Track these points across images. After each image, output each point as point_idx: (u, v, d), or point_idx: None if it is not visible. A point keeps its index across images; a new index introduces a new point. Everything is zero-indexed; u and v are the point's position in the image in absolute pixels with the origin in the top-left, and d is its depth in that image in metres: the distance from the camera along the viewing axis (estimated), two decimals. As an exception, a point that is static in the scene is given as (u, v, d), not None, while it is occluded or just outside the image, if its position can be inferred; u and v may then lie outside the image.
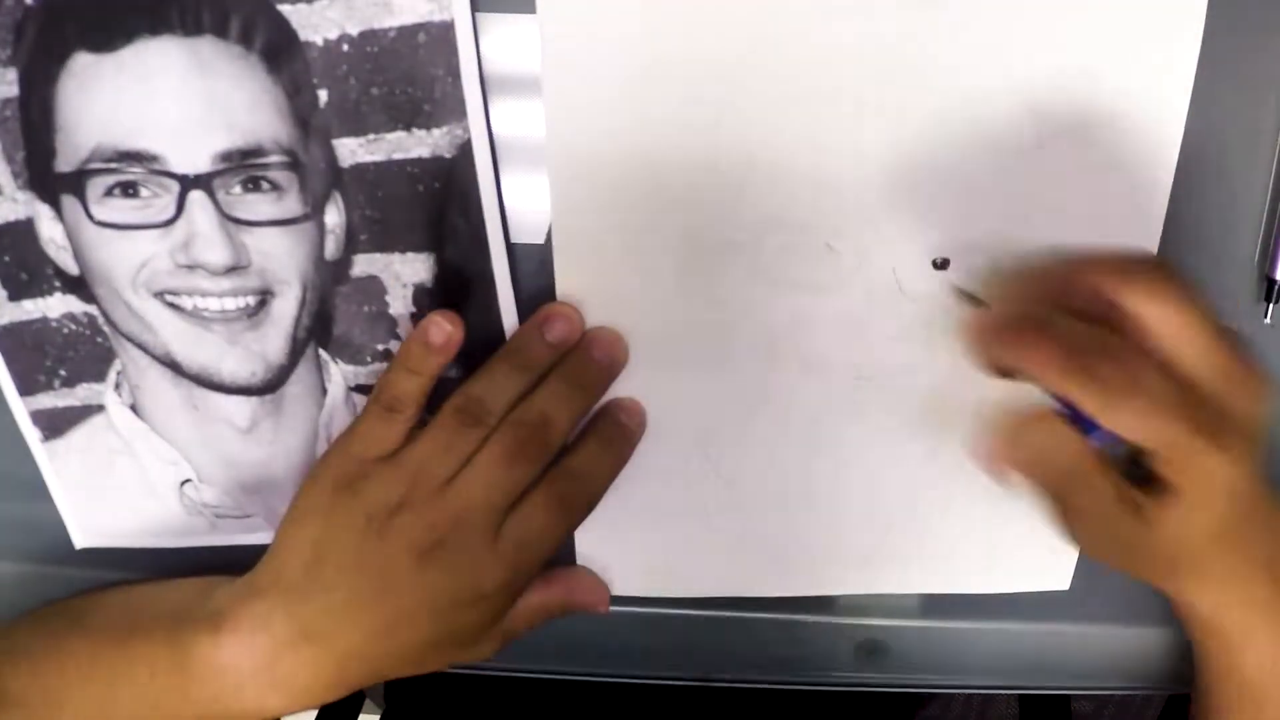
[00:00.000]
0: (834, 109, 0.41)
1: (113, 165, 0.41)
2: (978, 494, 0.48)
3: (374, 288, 0.44)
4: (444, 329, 0.42)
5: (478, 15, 0.39)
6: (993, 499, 0.48)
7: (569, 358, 0.43)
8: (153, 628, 0.44)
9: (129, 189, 0.41)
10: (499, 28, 0.39)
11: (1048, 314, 0.37)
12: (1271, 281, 0.44)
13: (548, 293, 0.44)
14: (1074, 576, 0.51)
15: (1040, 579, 0.51)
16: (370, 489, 0.42)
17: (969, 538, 0.50)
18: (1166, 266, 0.37)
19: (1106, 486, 0.38)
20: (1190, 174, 0.42)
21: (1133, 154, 0.41)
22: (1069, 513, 0.40)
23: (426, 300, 0.44)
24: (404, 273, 0.43)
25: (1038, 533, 0.49)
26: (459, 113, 0.40)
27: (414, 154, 0.41)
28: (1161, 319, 0.36)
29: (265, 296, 0.43)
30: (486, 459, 0.42)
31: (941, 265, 0.43)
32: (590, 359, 0.44)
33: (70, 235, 0.42)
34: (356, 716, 0.81)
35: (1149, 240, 0.43)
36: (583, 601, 0.49)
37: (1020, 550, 0.50)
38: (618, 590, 0.51)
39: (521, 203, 0.42)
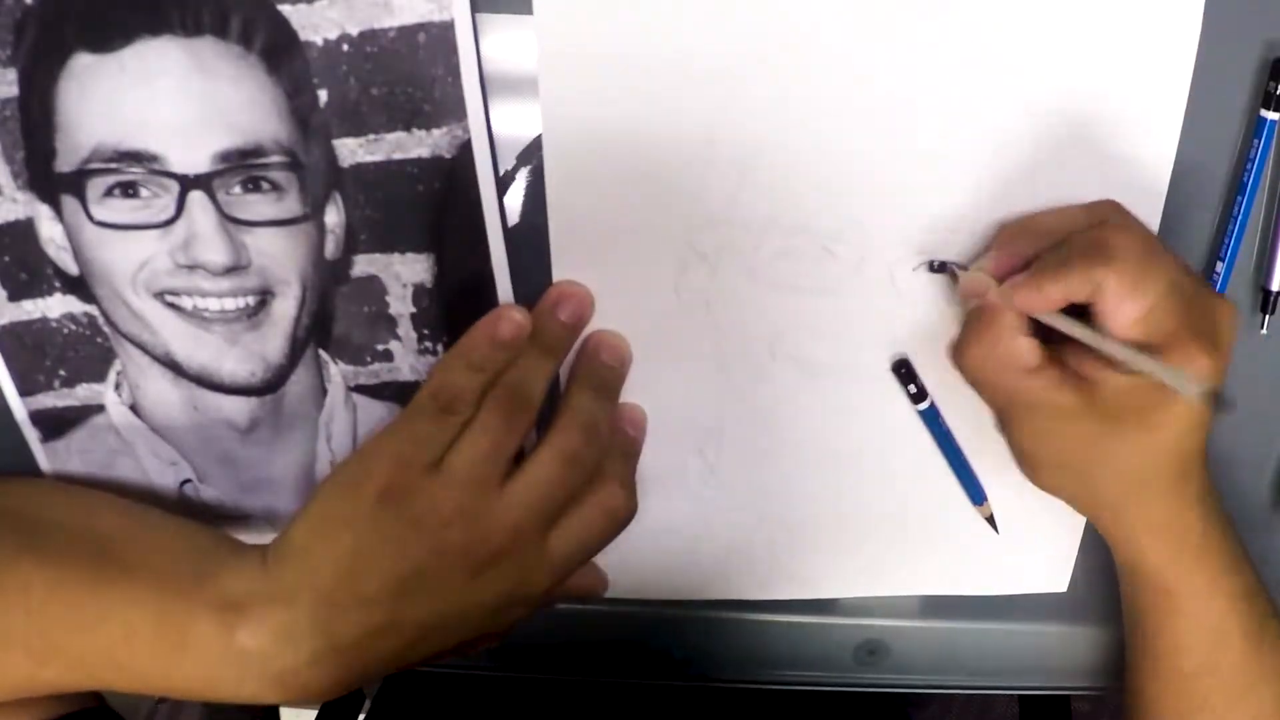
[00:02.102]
0: (832, 112, 0.41)
1: (113, 165, 0.41)
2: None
3: (374, 288, 0.44)
4: (515, 322, 0.41)
5: (477, 15, 0.39)
6: (991, 500, 0.48)
7: (590, 364, 0.44)
8: (133, 582, 0.39)
9: (129, 189, 0.41)
10: (498, 28, 0.39)
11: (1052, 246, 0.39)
12: (1268, 293, 0.44)
13: (547, 292, 0.44)
14: (1073, 578, 0.51)
15: (1039, 581, 0.51)
16: (420, 504, 0.39)
17: (968, 540, 0.50)
18: (1122, 207, 0.40)
19: (1119, 379, 0.39)
20: (1186, 184, 0.42)
21: (1129, 164, 0.42)
22: (1062, 418, 0.40)
23: (426, 300, 0.44)
24: (404, 273, 0.43)
25: (1037, 535, 0.49)
26: (459, 113, 0.40)
27: (414, 154, 0.41)
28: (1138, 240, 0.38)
29: (265, 297, 0.43)
30: (543, 468, 0.40)
31: (938, 269, 0.43)
32: (607, 365, 0.44)
33: (70, 235, 0.42)
34: (356, 716, 0.81)
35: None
36: (582, 589, 0.48)
37: (1019, 552, 0.50)
38: (617, 593, 0.51)
39: (521, 203, 0.42)
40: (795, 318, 0.45)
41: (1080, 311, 0.38)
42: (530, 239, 0.43)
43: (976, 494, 0.48)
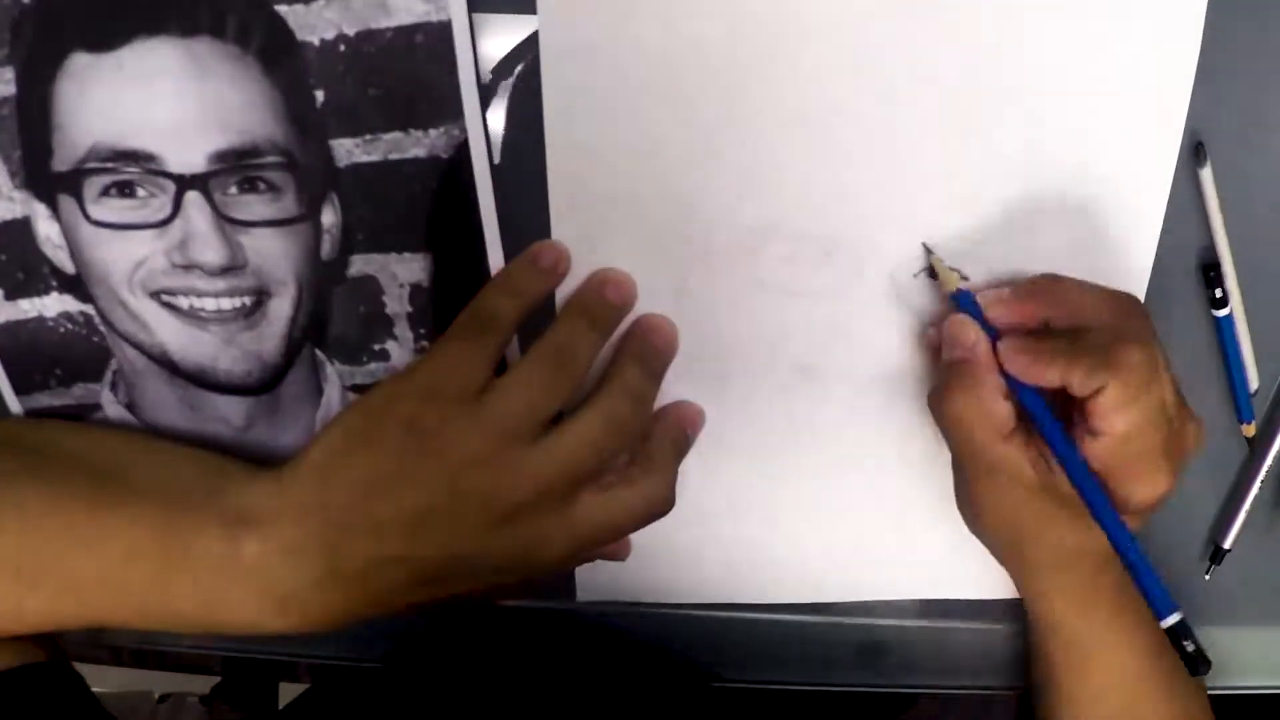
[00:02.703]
0: (834, 117, 0.41)
1: (109, 165, 0.41)
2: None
3: (370, 288, 0.44)
4: (556, 250, 0.42)
5: (475, 15, 0.39)
6: None
7: (639, 343, 0.43)
8: (135, 500, 0.38)
9: (125, 189, 0.41)
10: (496, 28, 0.39)
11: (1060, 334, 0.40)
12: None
13: (544, 293, 0.44)
14: None
15: None
16: (446, 439, 0.37)
17: (965, 544, 0.50)
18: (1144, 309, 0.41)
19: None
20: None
21: (1129, 176, 0.42)
22: (1016, 481, 0.41)
23: (423, 300, 0.44)
24: (400, 272, 0.43)
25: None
26: (455, 113, 0.40)
27: (410, 154, 0.41)
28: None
29: (261, 297, 0.43)
30: (585, 427, 0.39)
31: (935, 275, 0.43)
32: (656, 348, 0.43)
33: (67, 234, 0.42)
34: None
35: (1145, 256, 0.43)
36: (603, 552, 0.47)
37: None
38: (617, 596, 0.51)
39: (518, 202, 0.42)
40: (796, 323, 0.44)
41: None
42: (527, 238, 0.43)
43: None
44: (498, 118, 0.41)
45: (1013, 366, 0.39)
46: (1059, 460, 0.40)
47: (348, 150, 0.41)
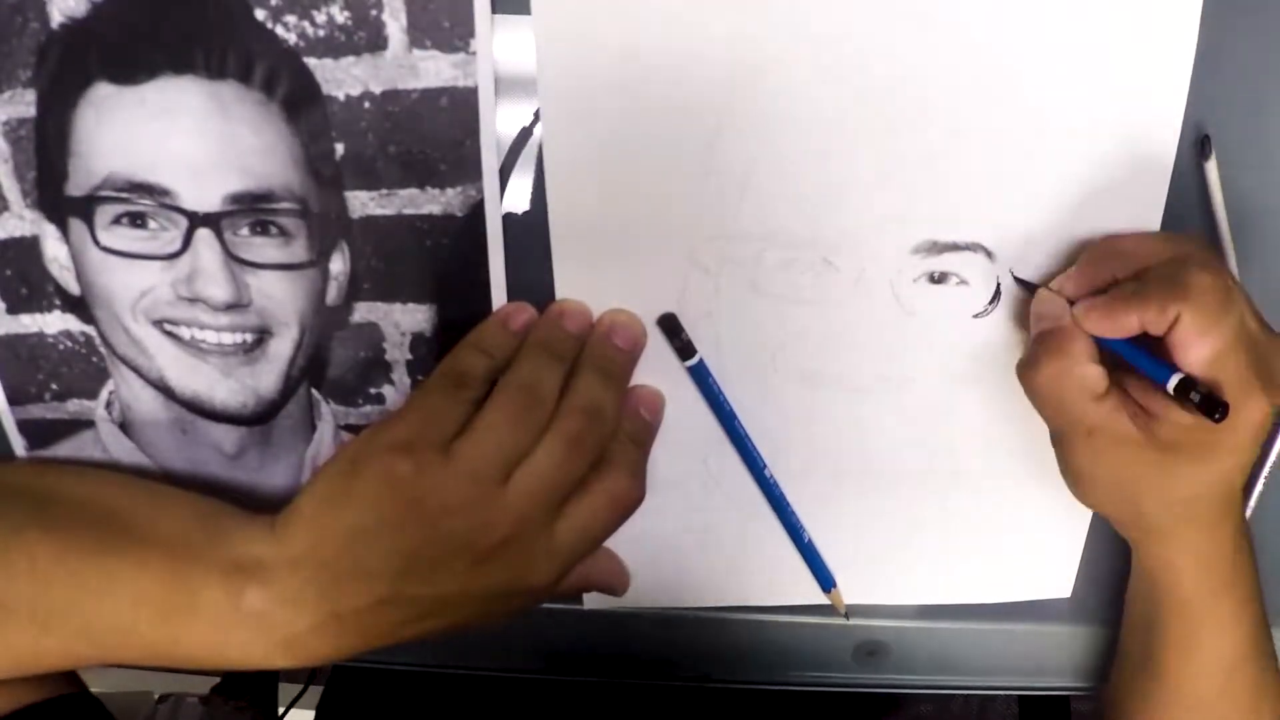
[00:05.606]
0: (832, 123, 0.41)
1: (124, 195, 0.41)
2: (978, 504, 0.49)
3: (372, 334, 0.44)
4: (527, 313, 0.43)
5: (498, 63, 0.39)
6: (994, 508, 0.49)
7: (599, 348, 0.43)
8: (140, 549, 0.40)
9: (137, 219, 0.41)
10: (519, 91, 0.39)
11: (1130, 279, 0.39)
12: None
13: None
14: (1074, 581, 0.52)
15: (1042, 587, 0.52)
16: (423, 489, 0.39)
17: (970, 547, 0.50)
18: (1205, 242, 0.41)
19: (1180, 414, 0.39)
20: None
21: (1132, 181, 0.42)
22: (1115, 442, 0.40)
23: (424, 349, 0.44)
24: (404, 321, 0.44)
25: (1039, 541, 0.49)
26: (474, 175, 0.40)
27: (425, 210, 0.41)
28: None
29: (263, 335, 0.43)
30: (547, 454, 0.40)
31: (938, 280, 0.43)
32: (617, 349, 0.43)
33: (74, 257, 0.42)
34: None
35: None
36: (603, 583, 0.48)
37: (1022, 559, 0.50)
38: (623, 603, 0.51)
39: (525, 259, 0.43)
40: (797, 329, 0.45)
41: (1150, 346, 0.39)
42: (532, 295, 0.43)
43: (825, 580, 0.49)
44: (512, 177, 0.41)
45: (1091, 324, 0.39)
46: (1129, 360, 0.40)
47: (363, 203, 0.41)
